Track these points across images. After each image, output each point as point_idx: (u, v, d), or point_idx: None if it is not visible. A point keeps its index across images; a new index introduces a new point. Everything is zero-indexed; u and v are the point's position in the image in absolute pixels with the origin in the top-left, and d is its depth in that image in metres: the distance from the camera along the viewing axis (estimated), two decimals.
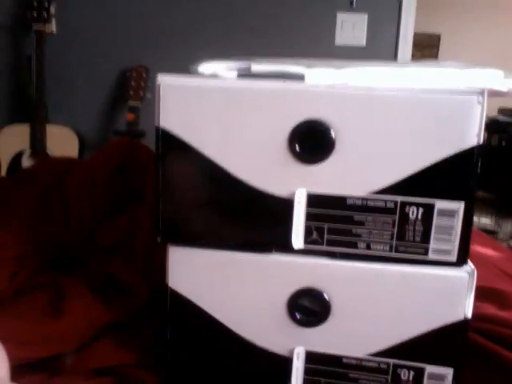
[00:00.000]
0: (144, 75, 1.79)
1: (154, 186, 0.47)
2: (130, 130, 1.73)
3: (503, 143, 3.83)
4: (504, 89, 0.45)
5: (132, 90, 1.78)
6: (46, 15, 1.71)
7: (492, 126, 3.94)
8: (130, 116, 1.75)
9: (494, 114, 4.08)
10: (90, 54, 1.91)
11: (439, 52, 5.37)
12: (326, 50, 1.92)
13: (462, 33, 5.21)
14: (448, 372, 0.45)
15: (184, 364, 0.50)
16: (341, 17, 1.92)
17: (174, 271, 0.48)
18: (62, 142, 1.76)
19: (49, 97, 1.76)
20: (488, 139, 4.01)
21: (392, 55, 1.95)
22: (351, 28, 1.92)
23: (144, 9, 1.91)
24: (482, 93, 0.41)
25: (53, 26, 1.76)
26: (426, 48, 5.31)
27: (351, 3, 1.89)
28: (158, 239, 0.48)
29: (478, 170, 0.42)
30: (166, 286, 0.48)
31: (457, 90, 0.42)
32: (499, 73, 0.45)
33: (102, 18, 1.91)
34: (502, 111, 4.11)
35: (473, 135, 0.42)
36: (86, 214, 0.74)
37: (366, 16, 1.91)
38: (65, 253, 0.72)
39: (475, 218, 3.06)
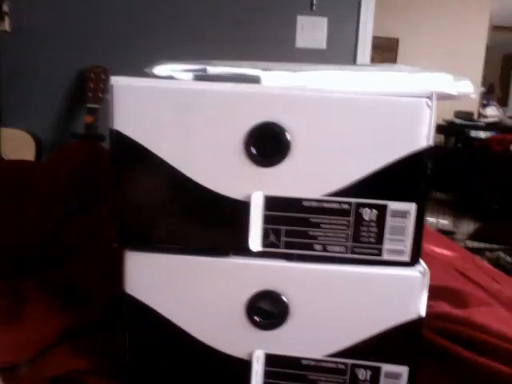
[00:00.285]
0: (102, 76, 1.76)
1: (110, 190, 0.46)
2: (89, 132, 1.70)
3: (459, 145, 3.95)
4: (453, 92, 0.46)
5: (90, 91, 1.75)
6: None
7: (448, 128, 4.06)
8: (88, 118, 1.72)
9: (451, 117, 4.21)
10: (46, 54, 1.86)
11: (398, 55, 5.51)
12: (286, 52, 1.94)
13: (420, 37, 5.36)
14: (403, 370, 0.46)
15: (143, 370, 0.49)
16: (301, 20, 1.94)
17: (131, 276, 0.47)
18: (18, 146, 1.71)
19: (3, 99, 1.71)
20: (445, 142, 4.14)
21: (351, 58, 1.98)
22: (311, 31, 1.94)
23: (103, 7, 1.88)
24: (431, 96, 0.42)
25: (6, 25, 1.72)
26: (386, 51, 5.43)
27: (311, 6, 1.92)
28: (115, 244, 0.47)
29: (429, 172, 0.43)
30: (123, 291, 0.47)
31: (407, 93, 0.43)
32: (449, 77, 0.46)
33: (59, 16, 1.86)
34: (457, 114, 4.24)
35: (423, 137, 0.42)
36: (46, 214, 0.73)
37: (326, 19, 1.94)
38: (24, 255, 0.70)
39: (434, 219, 3.14)
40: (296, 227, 0.45)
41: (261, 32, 1.93)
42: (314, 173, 0.44)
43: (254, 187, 0.44)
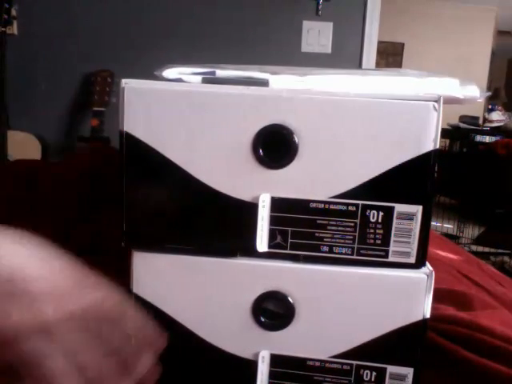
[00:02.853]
0: (109, 80, 1.77)
1: (118, 191, 0.46)
2: (95, 135, 1.71)
3: (464, 150, 3.94)
4: (460, 96, 0.46)
5: (96, 94, 1.76)
6: (6, 17, 1.67)
7: (453, 133, 4.05)
8: (94, 121, 1.73)
9: (456, 121, 4.21)
10: (52, 57, 1.88)
11: (403, 60, 5.51)
12: (292, 57, 1.95)
13: (425, 41, 5.36)
14: (409, 371, 0.46)
15: None
16: (306, 24, 1.95)
17: (138, 276, 0.48)
18: (25, 149, 1.72)
19: (10, 102, 1.72)
20: (450, 146, 4.13)
21: (357, 62, 1.99)
22: (317, 35, 1.95)
23: (109, 11, 1.89)
24: (438, 99, 0.42)
25: (14, 29, 1.73)
26: (391, 56, 5.44)
27: (317, 11, 1.92)
28: (122, 244, 0.48)
29: (435, 175, 0.43)
30: (130, 291, 0.48)
31: (414, 97, 0.43)
32: (455, 81, 0.46)
33: (66, 20, 1.88)
34: (462, 119, 4.24)
35: (429, 140, 0.43)
36: (56, 215, 0.74)
37: (332, 24, 1.95)
38: None
39: (438, 223, 3.14)
40: (302, 229, 0.45)
41: (267, 36, 1.94)
42: (321, 175, 0.44)
43: (261, 189, 0.45)
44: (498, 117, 4.23)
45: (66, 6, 1.86)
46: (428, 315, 0.45)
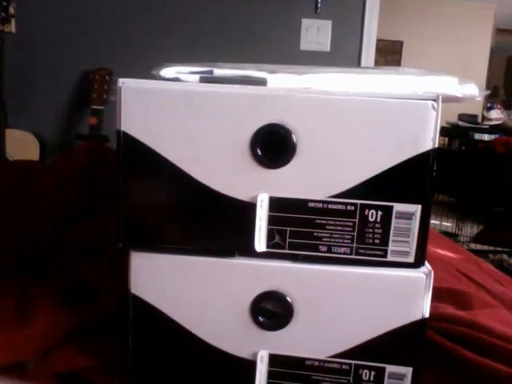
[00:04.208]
0: (107, 78, 1.77)
1: (115, 190, 0.46)
2: (93, 133, 1.70)
3: (463, 148, 3.94)
4: (458, 94, 0.46)
5: (95, 92, 1.75)
6: (4, 15, 1.66)
7: (452, 131, 4.05)
8: (92, 120, 1.72)
9: (455, 119, 4.20)
10: (51, 55, 1.87)
11: (402, 58, 5.51)
12: (291, 55, 1.95)
13: (424, 39, 5.36)
14: (407, 371, 0.46)
15: (147, 370, 0.49)
16: (305, 22, 1.94)
17: (136, 277, 0.48)
18: (23, 147, 1.72)
19: (8, 100, 1.71)
20: (449, 144, 4.13)
21: (356, 60, 1.99)
22: (316, 34, 1.95)
23: (107, 9, 1.88)
24: (436, 98, 0.42)
25: (12, 27, 1.72)
26: (390, 54, 5.44)
27: (316, 9, 1.92)
28: (120, 244, 0.47)
29: (434, 174, 0.43)
30: (127, 291, 0.48)
31: (413, 95, 0.43)
32: (453, 80, 0.46)
33: (64, 18, 1.87)
34: (461, 117, 4.24)
35: (428, 139, 0.43)
36: (54, 213, 0.73)
37: (330, 22, 1.95)
38: (32, 254, 0.70)
39: (437, 222, 3.14)
40: (301, 228, 0.45)
41: (266, 35, 1.94)
42: (319, 174, 0.44)
43: (259, 188, 0.45)
44: (496, 115, 4.23)
45: (64, 4, 1.86)
46: (427, 315, 0.45)
